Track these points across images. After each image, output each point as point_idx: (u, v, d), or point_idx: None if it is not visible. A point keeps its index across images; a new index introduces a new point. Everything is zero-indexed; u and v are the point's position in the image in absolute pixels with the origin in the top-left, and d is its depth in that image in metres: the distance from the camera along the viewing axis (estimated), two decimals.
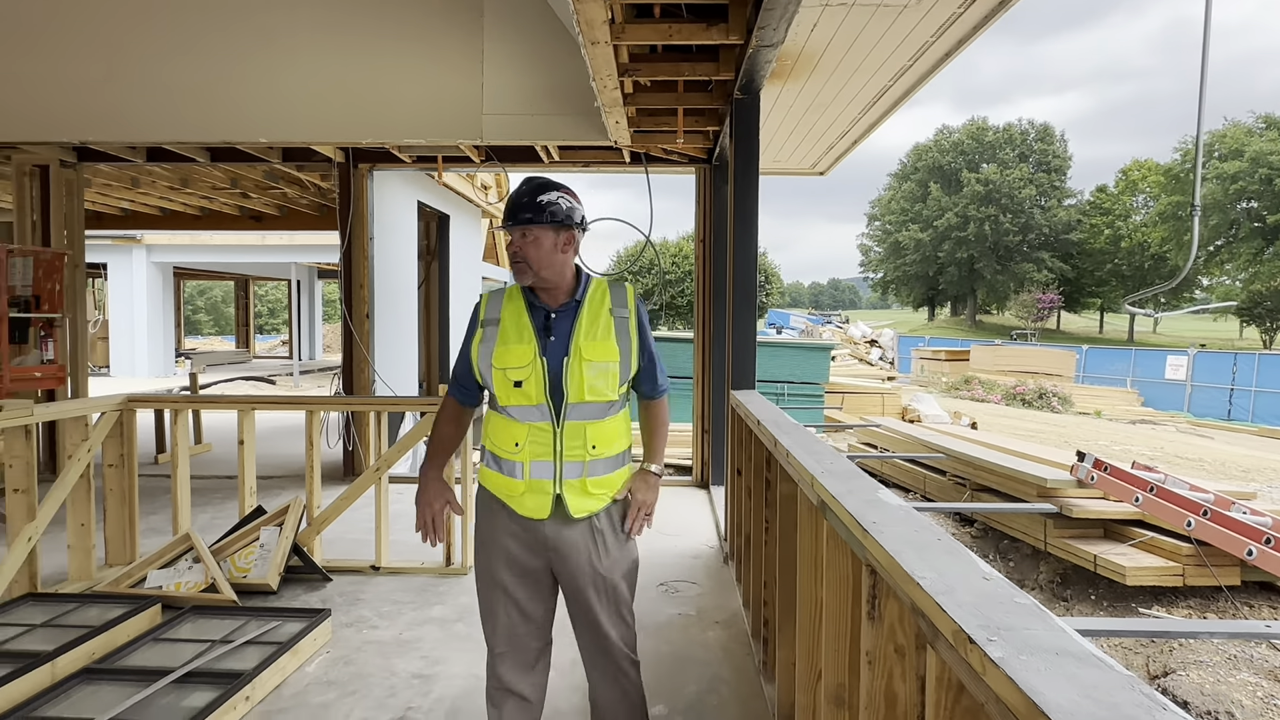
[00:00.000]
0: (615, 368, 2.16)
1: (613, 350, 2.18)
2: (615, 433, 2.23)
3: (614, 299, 2.25)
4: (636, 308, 2.27)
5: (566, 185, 2.27)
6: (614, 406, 2.20)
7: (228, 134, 5.82)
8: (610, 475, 2.23)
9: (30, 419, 3.80)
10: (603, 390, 2.15)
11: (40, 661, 3.00)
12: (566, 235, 2.20)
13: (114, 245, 17.25)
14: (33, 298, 5.53)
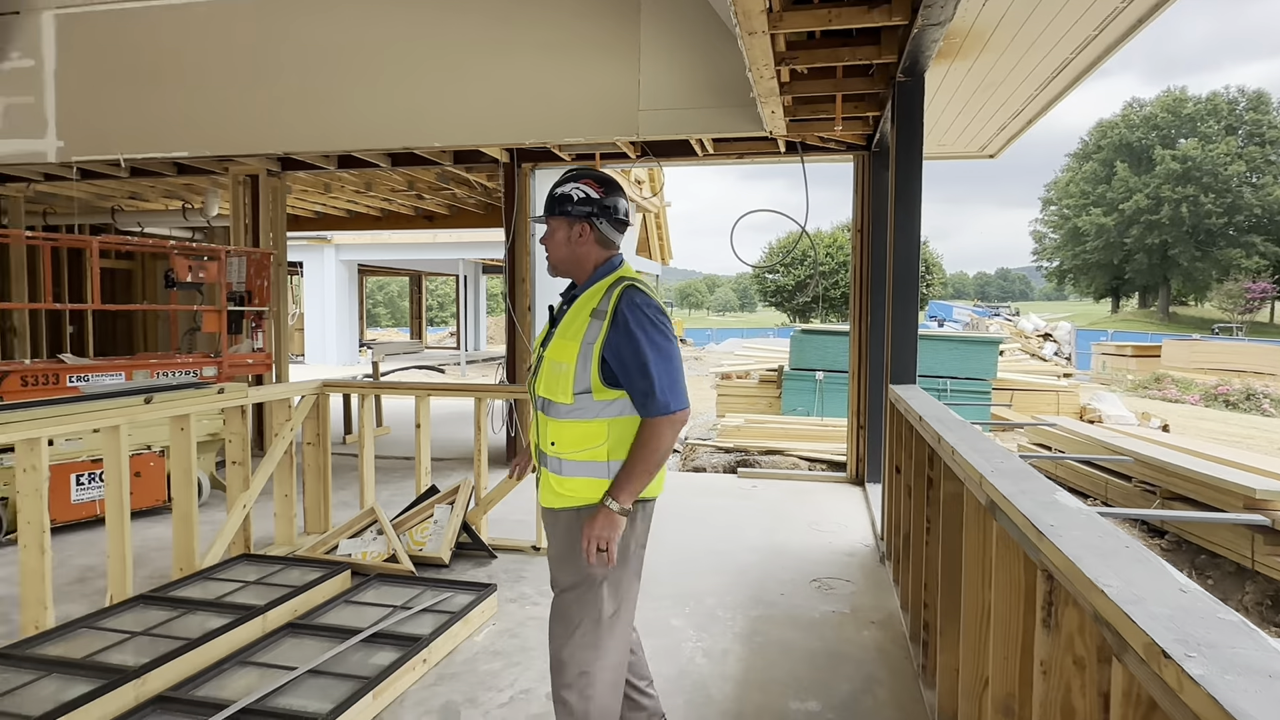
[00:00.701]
0: (568, 370, 2.11)
1: (570, 352, 2.12)
2: (577, 437, 2.13)
3: (601, 300, 2.14)
4: (617, 313, 2.09)
5: (600, 176, 2.24)
6: (574, 410, 2.12)
7: (407, 140, 6.29)
8: (574, 479, 2.15)
9: (246, 400, 4.30)
10: (556, 390, 2.13)
11: (254, 614, 3.40)
12: (580, 227, 2.19)
13: (308, 245, 19.05)
14: (245, 293, 6.23)
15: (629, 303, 2.09)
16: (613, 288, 2.14)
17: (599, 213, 2.20)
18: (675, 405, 2.08)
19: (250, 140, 6.62)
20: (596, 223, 2.19)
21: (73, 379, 5.13)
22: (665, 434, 2.08)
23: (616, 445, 2.12)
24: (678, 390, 2.10)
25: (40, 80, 7.09)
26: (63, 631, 3.21)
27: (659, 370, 2.06)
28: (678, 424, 2.09)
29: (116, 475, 3.55)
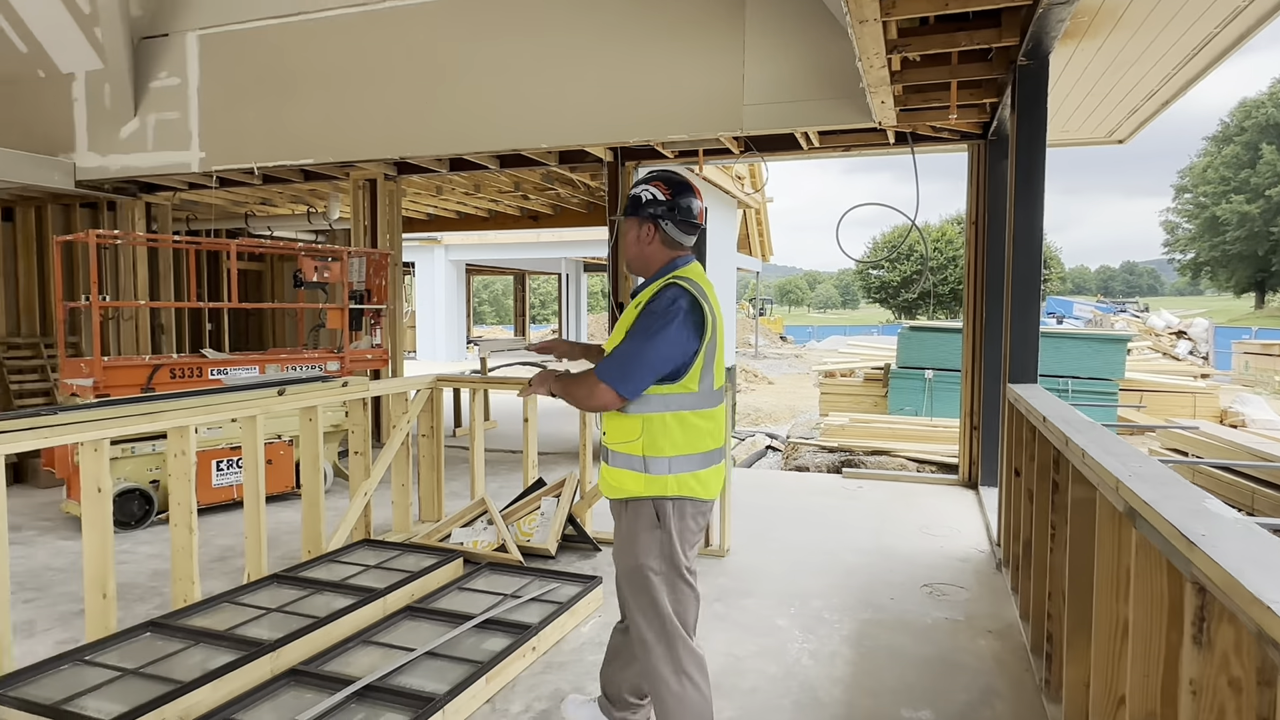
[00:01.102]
0: None
1: (615, 341, 2.26)
2: (620, 429, 2.27)
3: (649, 295, 2.25)
4: (646, 305, 2.22)
5: (671, 177, 2.32)
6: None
7: (515, 142, 6.46)
8: (616, 470, 2.30)
9: (367, 393, 4.52)
10: None
11: (375, 597, 3.58)
12: (647, 227, 2.30)
13: (420, 246, 19.86)
14: (365, 291, 6.56)
15: (657, 295, 2.21)
16: (661, 284, 2.25)
17: (666, 214, 2.28)
18: (610, 379, 2.17)
19: (370, 146, 6.96)
20: (662, 224, 2.28)
21: (213, 372, 5.53)
22: (585, 387, 2.22)
23: (650, 442, 2.22)
24: (624, 374, 2.17)
25: (185, 97, 7.69)
26: (207, 605, 3.47)
27: (632, 350, 2.17)
28: (599, 395, 2.18)
29: (254, 462, 3.81)
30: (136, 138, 7.96)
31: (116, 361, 5.33)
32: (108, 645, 3.05)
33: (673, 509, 2.24)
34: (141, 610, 3.80)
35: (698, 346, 2.20)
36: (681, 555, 2.29)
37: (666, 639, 2.27)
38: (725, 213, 11.73)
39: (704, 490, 2.29)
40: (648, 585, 2.27)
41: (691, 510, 2.28)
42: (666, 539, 2.26)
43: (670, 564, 2.27)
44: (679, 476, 2.24)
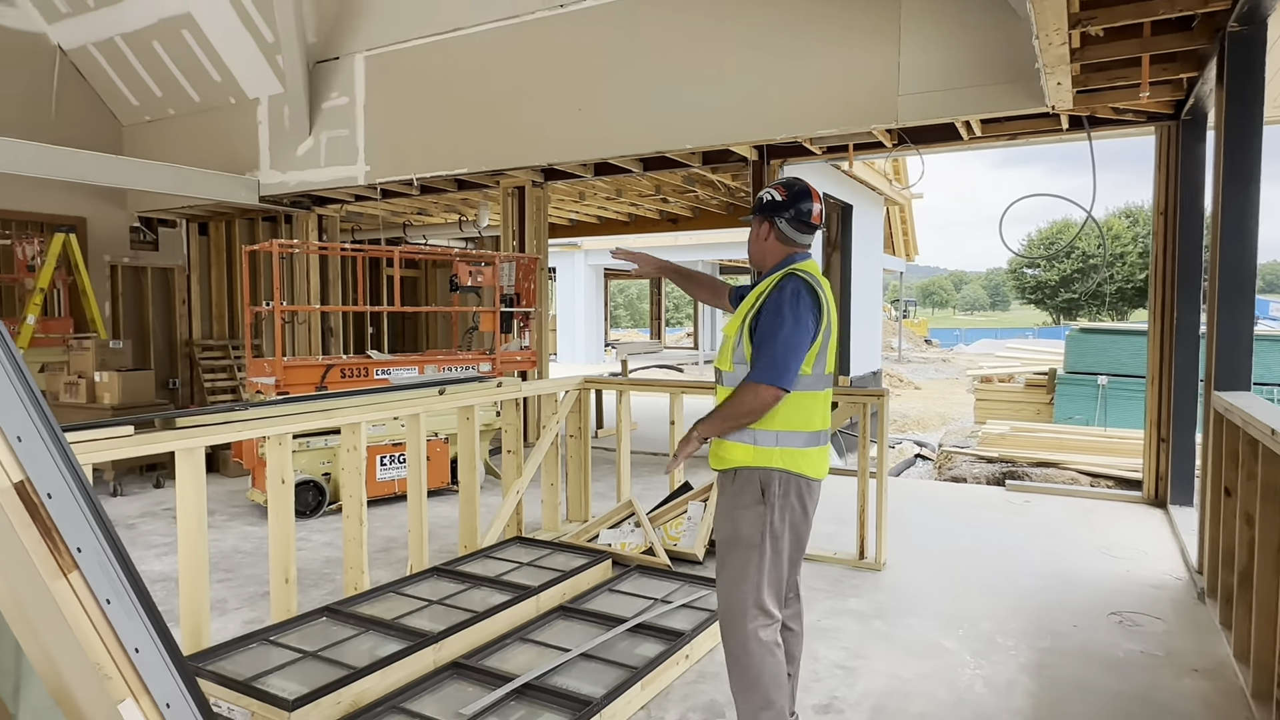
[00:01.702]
0: (730, 342, 2.45)
1: (734, 327, 2.45)
2: None
3: (768, 285, 2.41)
4: (765, 294, 2.38)
5: (789, 181, 2.52)
6: (733, 378, 2.41)
7: (659, 144, 6.45)
8: (728, 443, 2.42)
9: (520, 393, 4.63)
10: (722, 359, 2.48)
11: (529, 594, 3.63)
12: (765, 225, 2.51)
13: (562, 251, 20.41)
14: (515, 295, 6.76)
15: (778, 287, 2.37)
16: (780, 276, 2.41)
17: (782, 214, 2.48)
18: (768, 379, 2.29)
19: (519, 154, 7.17)
20: (778, 222, 2.48)
21: (378, 372, 5.86)
22: (747, 397, 2.32)
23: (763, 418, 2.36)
24: (779, 369, 2.29)
25: (353, 115, 8.22)
26: (375, 594, 3.63)
27: (770, 345, 2.30)
28: (764, 396, 2.30)
29: (417, 459, 3.97)
30: (311, 155, 8.59)
31: (294, 362, 5.74)
32: (289, 627, 3.25)
33: (777, 482, 2.36)
34: (316, 595, 4.04)
35: (817, 331, 2.37)
36: (783, 531, 2.38)
37: (756, 606, 2.36)
38: (871, 210, 11.28)
39: (809, 467, 2.41)
40: (743, 555, 2.38)
41: (795, 487, 2.38)
42: (768, 512, 2.36)
43: (768, 537, 2.36)
44: (785, 450, 2.37)
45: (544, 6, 6.79)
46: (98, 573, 1.09)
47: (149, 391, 6.47)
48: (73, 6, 9.08)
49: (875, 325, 12.03)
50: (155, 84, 9.48)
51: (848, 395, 4.64)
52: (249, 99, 8.99)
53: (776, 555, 2.38)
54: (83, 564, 1.08)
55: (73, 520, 1.07)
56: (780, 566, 2.40)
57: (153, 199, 9.98)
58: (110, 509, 5.75)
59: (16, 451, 1.03)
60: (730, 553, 2.42)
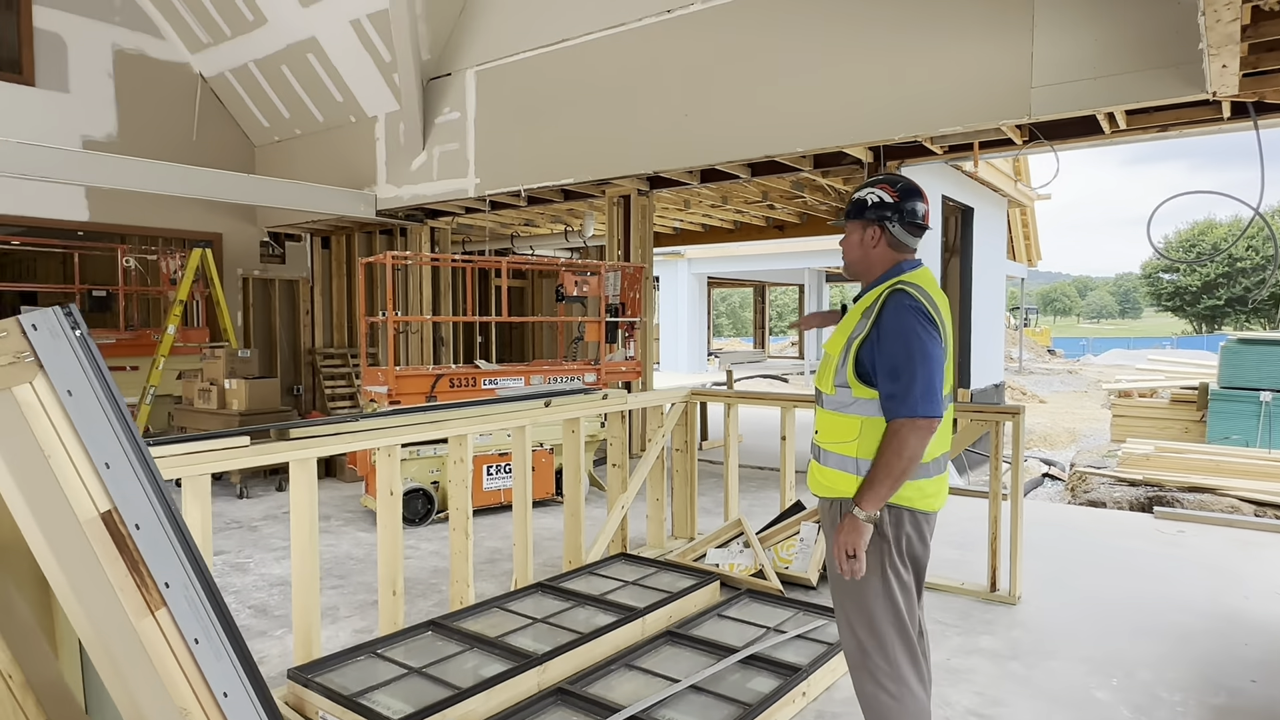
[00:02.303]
0: (833, 361, 2.23)
1: (837, 345, 2.22)
2: (834, 428, 2.22)
3: (874, 301, 2.18)
4: (881, 311, 2.13)
5: (896, 180, 2.26)
6: (834, 400, 2.21)
7: (768, 148, 6.23)
8: (828, 470, 2.22)
9: (625, 405, 4.51)
10: (823, 379, 2.26)
11: (634, 616, 3.49)
12: (872, 230, 2.25)
13: (665, 260, 20.37)
14: (620, 305, 6.68)
15: (894, 303, 2.11)
16: (888, 292, 2.16)
17: (892, 216, 2.23)
18: (923, 410, 2.03)
19: (624, 163, 7.10)
20: (889, 226, 2.23)
21: (485, 382, 5.89)
22: (909, 440, 2.03)
23: (866, 444, 2.13)
24: (928, 396, 2.04)
25: (464, 129, 8.39)
26: (479, 609, 3.58)
27: (909, 373, 2.05)
28: (923, 431, 2.04)
29: (523, 471, 3.91)
30: (424, 169, 8.83)
31: (406, 371, 5.85)
32: (396, 640, 3.23)
33: (888, 515, 2.15)
34: (424, 606, 4.04)
35: None
36: (900, 566, 2.17)
37: (880, 647, 2.15)
38: (993, 212, 10.64)
39: (923, 500, 2.18)
40: (859, 595, 2.17)
41: (910, 520, 2.17)
42: (885, 545, 2.15)
43: (886, 573, 2.16)
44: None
45: (650, 13, 6.71)
46: (186, 610, 1.02)
47: (274, 398, 6.75)
48: (213, 36, 9.70)
49: (997, 335, 11.33)
50: (284, 106, 10.00)
51: (976, 412, 4.29)
52: (368, 117, 9.35)
53: (900, 592, 2.16)
54: (171, 600, 1.01)
55: (161, 553, 1.00)
56: (900, 607, 2.16)
57: (280, 215, 10.54)
58: (235, 511, 6.01)
59: (104, 478, 0.97)
60: (845, 593, 2.21)
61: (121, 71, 9.64)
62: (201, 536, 2.67)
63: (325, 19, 8.60)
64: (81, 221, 9.43)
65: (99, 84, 9.47)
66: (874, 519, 2.09)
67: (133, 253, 10.34)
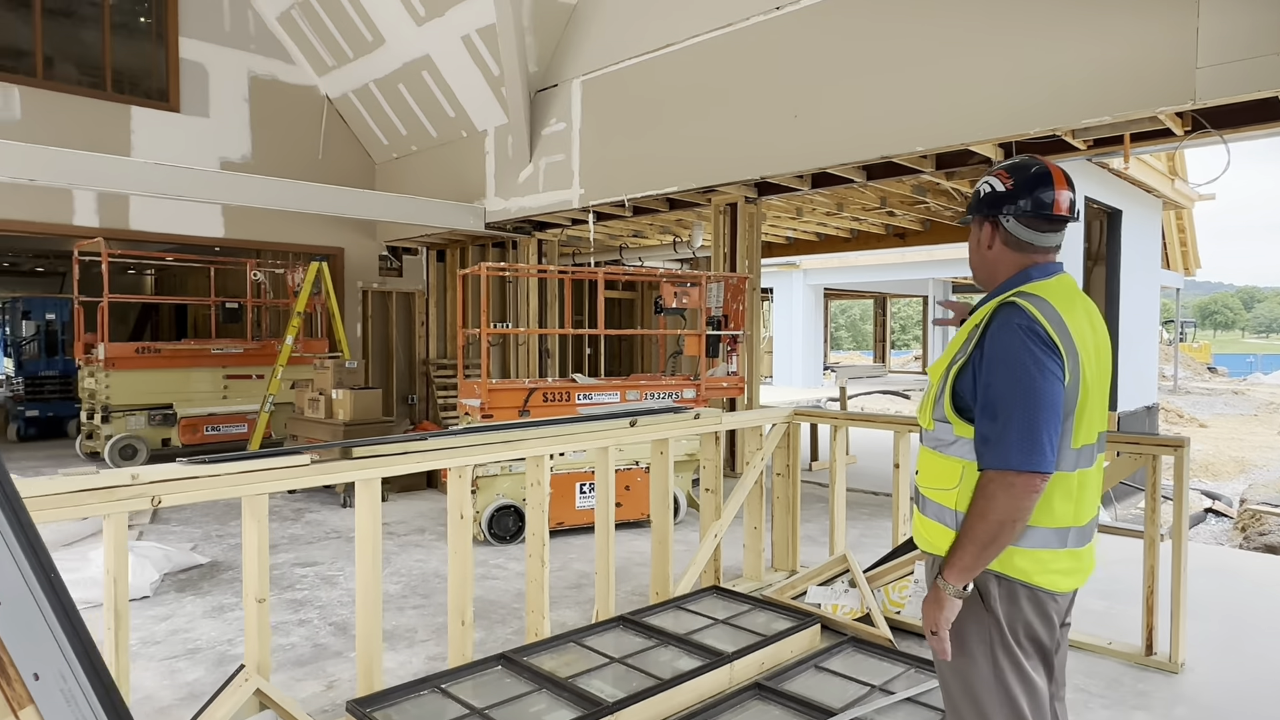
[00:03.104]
0: (932, 390, 1.85)
1: (939, 371, 1.83)
2: (933, 470, 1.82)
3: (983, 316, 1.76)
4: (985, 330, 1.72)
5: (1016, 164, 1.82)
6: (933, 438, 1.82)
7: (884, 148, 5.76)
8: (927, 520, 1.83)
9: (720, 426, 4.19)
10: (923, 411, 1.89)
11: (721, 662, 3.16)
12: (985, 228, 1.86)
13: (778, 271, 19.81)
14: (723, 317, 6.36)
15: (1001, 321, 1.70)
16: (998, 304, 1.75)
17: (1008, 209, 1.81)
18: (1017, 461, 1.61)
19: (730, 168, 6.79)
20: (1003, 221, 1.82)
21: (580, 397, 5.71)
22: (997, 498, 1.63)
23: (967, 494, 1.72)
24: (1027, 444, 1.61)
25: (569, 139, 8.32)
26: (555, 643, 3.35)
27: (1006, 412, 1.64)
28: (1018, 489, 1.61)
29: (605, 495, 3.66)
30: (530, 181, 8.83)
31: (500, 384, 5.75)
32: (463, 675, 3.04)
33: (997, 589, 1.72)
34: (502, 634, 3.86)
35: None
36: (1018, 652, 1.72)
37: None
38: (1145, 215, 9.59)
39: (1044, 576, 1.72)
40: (968, 679, 1.75)
41: (1029, 598, 1.72)
42: (993, 624, 1.72)
43: (998, 660, 1.72)
44: (1011, 548, 1.70)
45: (758, 11, 6.38)
46: (62, 708, 0.81)
47: (377, 409, 6.84)
48: (337, 59, 10.12)
49: (1150, 352, 10.19)
50: (401, 123, 10.31)
51: (1127, 444, 3.69)
52: (478, 131, 9.47)
53: (1019, 685, 1.71)
54: (40, 696, 0.81)
55: (30, 637, 0.80)
56: (1021, 704, 1.71)
57: (397, 229, 10.86)
58: (336, 520, 6.08)
59: None
60: (951, 676, 1.80)
61: (256, 96, 10.20)
62: (257, 559, 2.56)
63: (438, 36, 8.77)
64: (218, 238, 10.02)
65: (235, 108, 10.06)
66: (962, 593, 1.69)
67: (260, 267, 10.90)
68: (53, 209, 8.74)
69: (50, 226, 8.88)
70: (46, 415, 10.68)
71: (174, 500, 2.37)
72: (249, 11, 10.09)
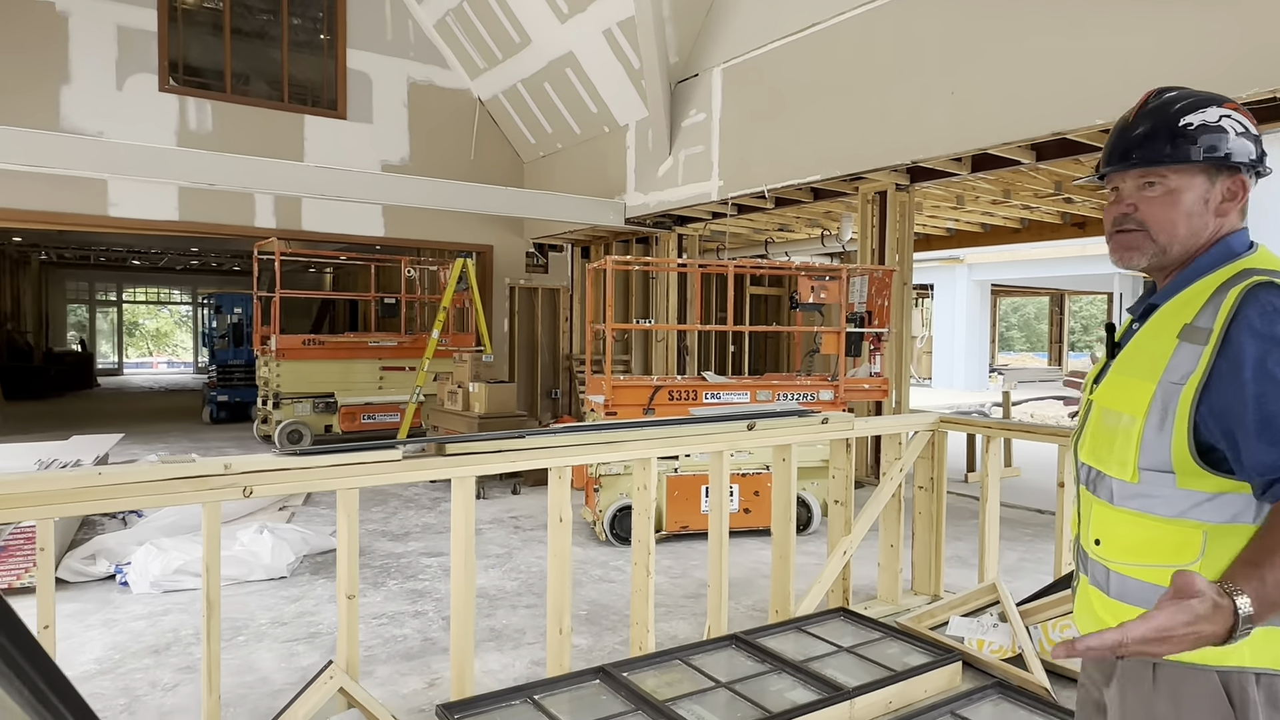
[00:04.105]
0: (1132, 426, 1.25)
1: (1137, 397, 1.26)
2: (1144, 542, 1.25)
3: (1203, 311, 1.23)
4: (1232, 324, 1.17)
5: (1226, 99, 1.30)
6: (1140, 495, 1.25)
7: (1057, 122, 5.10)
8: (1122, 606, 1.27)
9: (852, 432, 3.81)
10: (1109, 456, 1.30)
11: (841, 698, 2.82)
12: (1229, 183, 1.30)
13: (940, 266, 18.56)
14: (866, 313, 5.89)
15: (1258, 309, 1.17)
16: (1225, 288, 1.23)
17: (1259, 162, 1.30)
18: None
19: (877, 153, 6.29)
20: (1249, 178, 1.31)
21: (707, 396, 5.46)
22: None
23: (1212, 569, 1.16)
24: None
25: (709, 130, 8.07)
26: (659, 659, 3.14)
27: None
28: None
29: (719, 502, 3.40)
30: (669, 175, 8.66)
31: (624, 381, 5.61)
32: (557, 687, 2.89)
33: (1262, 695, 1.17)
34: (610, 642, 3.69)
35: None
36: None
37: None
38: None
39: None
40: None
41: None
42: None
43: None
44: (1276, 630, 1.16)
45: None
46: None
47: (511, 402, 6.91)
48: (487, 61, 10.42)
49: None
50: (546, 121, 10.46)
51: None
52: (619, 126, 9.42)
53: None
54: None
55: None
56: None
57: (543, 226, 11.06)
58: None
59: None
60: None
61: (414, 101, 10.70)
62: (348, 555, 2.52)
63: (580, 32, 8.78)
64: (379, 237, 10.61)
65: (395, 113, 10.59)
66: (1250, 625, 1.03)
67: (413, 264, 11.44)
68: (238, 212, 9.56)
69: (235, 228, 9.73)
70: (235, 400, 11.75)
71: (265, 491, 2.36)
72: (409, 21, 10.59)
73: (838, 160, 6.60)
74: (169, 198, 9.13)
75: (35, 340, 17.74)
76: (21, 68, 8.40)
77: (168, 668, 3.34)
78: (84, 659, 3.42)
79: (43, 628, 2.09)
